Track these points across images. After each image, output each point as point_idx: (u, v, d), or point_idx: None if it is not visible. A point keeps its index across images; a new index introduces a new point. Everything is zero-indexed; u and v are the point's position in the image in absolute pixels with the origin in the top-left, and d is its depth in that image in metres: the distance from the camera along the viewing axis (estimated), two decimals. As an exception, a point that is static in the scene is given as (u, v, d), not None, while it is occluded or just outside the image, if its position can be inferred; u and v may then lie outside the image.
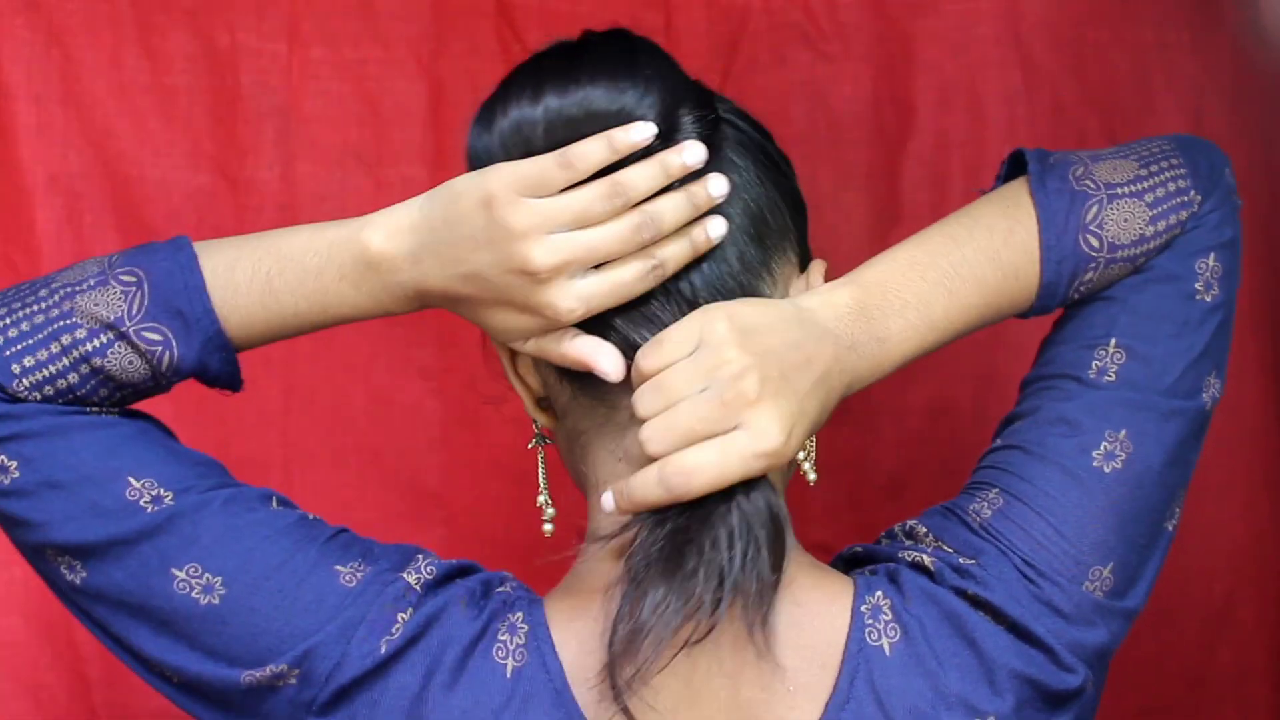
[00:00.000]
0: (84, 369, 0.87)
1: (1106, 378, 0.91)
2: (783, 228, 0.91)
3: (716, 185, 0.85)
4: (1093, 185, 0.92)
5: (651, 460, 0.82)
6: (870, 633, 0.85)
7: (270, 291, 0.88)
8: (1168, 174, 0.93)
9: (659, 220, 0.84)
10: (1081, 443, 0.89)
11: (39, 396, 0.87)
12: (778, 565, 0.83)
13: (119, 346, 0.87)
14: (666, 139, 0.85)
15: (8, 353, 0.87)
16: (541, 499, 0.94)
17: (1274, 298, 1.43)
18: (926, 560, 0.88)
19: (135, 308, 0.87)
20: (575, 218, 0.82)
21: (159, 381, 0.89)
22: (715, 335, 0.82)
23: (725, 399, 0.80)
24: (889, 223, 1.50)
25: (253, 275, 0.88)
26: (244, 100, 1.49)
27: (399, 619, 0.85)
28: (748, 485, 0.82)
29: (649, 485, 0.82)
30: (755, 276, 0.88)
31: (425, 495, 1.51)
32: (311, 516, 0.89)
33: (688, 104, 0.87)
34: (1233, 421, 1.45)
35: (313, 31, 1.49)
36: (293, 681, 0.85)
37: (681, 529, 0.82)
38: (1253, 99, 1.45)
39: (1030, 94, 1.49)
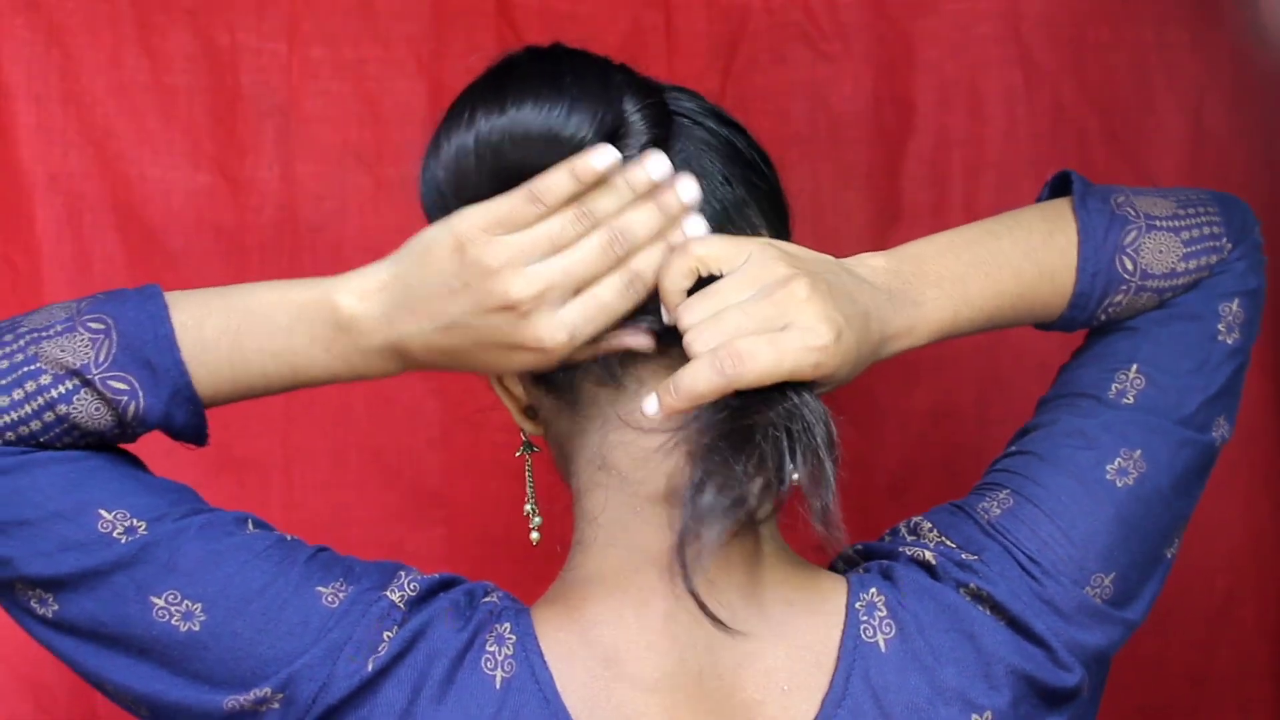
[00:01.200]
0: (48, 416, 0.84)
1: (1125, 400, 0.92)
2: (750, 226, 0.90)
3: (687, 190, 0.84)
4: (1133, 213, 0.94)
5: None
6: (865, 630, 0.86)
7: (239, 349, 0.86)
8: (1203, 218, 0.95)
9: (629, 233, 0.83)
10: (1096, 456, 0.91)
11: None
12: (833, 455, 0.81)
13: (84, 394, 0.84)
14: (614, 136, 0.84)
15: None
16: (528, 507, 0.93)
17: (1274, 298, 1.43)
18: (928, 556, 0.88)
19: (103, 355, 0.85)
20: (548, 245, 0.82)
21: (125, 430, 0.87)
22: (763, 253, 0.82)
23: (775, 298, 0.80)
24: (889, 223, 1.50)
25: (222, 331, 0.86)
26: (244, 100, 1.48)
27: (384, 637, 0.84)
28: (799, 386, 0.81)
29: (700, 372, 0.79)
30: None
31: (425, 495, 1.51)
32: (290, 537, 0.88)
33: (630, 100, 0.86)
34: (1233, 421, 1.46)
35: (313, 31, 1.49)
36: (276, 706, 0.84)
37: (741, 409, 0.80)
38: (1253, 99, 1.45)
39: (1030, 94, 1.49)
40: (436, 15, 1.51)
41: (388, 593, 0.85)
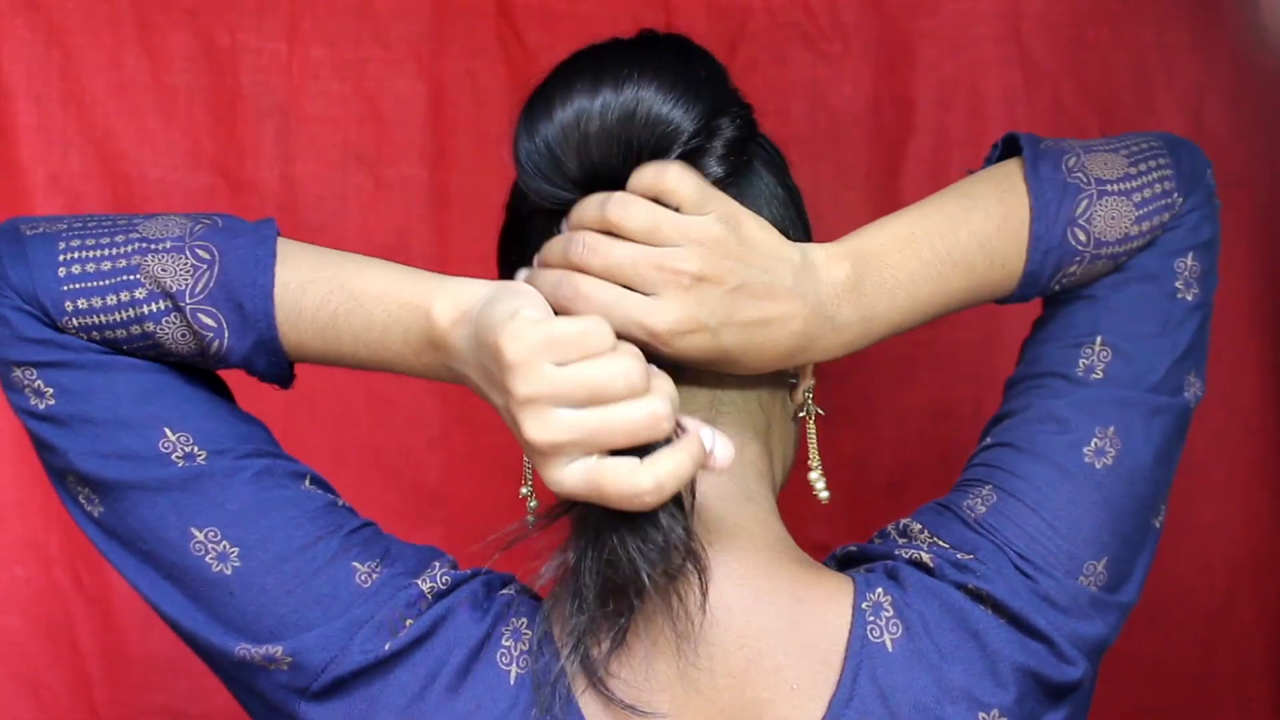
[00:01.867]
0: (135, 329, 0.84)
1: (1094, 375, 0.91)
2: (797, 224, 0.92)
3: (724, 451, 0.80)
4: (1084, 179, 0.91)
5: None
6: (872, 630, 0.86)
7: (333, 328, 0.84)
8: (1155, 174, 0.93)
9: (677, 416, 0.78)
10: (1072, 439, 0.90)
11: (84, 339, 0.85)
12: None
13: (173, 318, 0.84)
14: (705, 142, 0.85)
15: (67, 288, 0.84)
16: (525, 490, 0.93)
17: (1274, 297, 1.43)
18: (925, 557, 0.88)
19: (199, 286, 0.84)
20: (586, 395, 0.75)
21: (207, 361, 0.86)
22: (716, 226, 0.82)
23: (663, 265, 0.81)
24: (889, 223, 1.50)
25: (320, 305, 0.84)
26: (244, 100, 1.49)
27: (406, 624, 0.85)
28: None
29: (555, 247, 0.84)
30: None
31: (425, 495, 1.51)
32: (341, 503, 0.89)
33: (729, 115, 0.87)
34: (1232, 420, 1.46)
35: (313, 31, 1.50)
36: (284, 668, 0.85)
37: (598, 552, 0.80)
38: (1253, 99, 1.46)
39: (1030, 94, 1.49)
40: (436, 15, 1.51)
41: (418, 581, 0.86)
